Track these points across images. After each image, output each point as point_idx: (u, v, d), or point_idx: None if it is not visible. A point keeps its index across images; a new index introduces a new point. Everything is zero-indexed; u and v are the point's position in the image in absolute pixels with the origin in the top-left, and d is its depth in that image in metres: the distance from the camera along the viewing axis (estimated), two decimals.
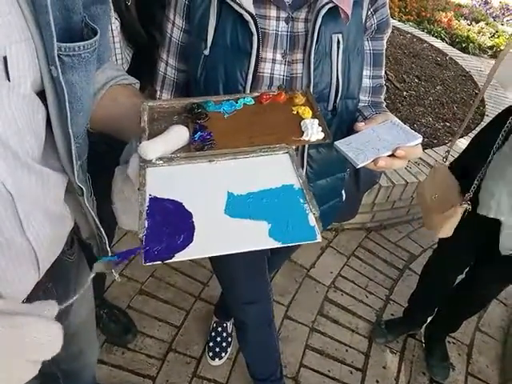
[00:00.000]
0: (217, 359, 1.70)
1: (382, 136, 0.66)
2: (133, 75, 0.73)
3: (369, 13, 0.83)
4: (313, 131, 0.60)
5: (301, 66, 0.81)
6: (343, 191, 1.08)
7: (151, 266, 1.96)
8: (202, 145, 0.58)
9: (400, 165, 0.66)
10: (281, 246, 0.47)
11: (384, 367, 1.83)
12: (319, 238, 0.48)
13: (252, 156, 0.57)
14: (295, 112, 0.65)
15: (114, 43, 1.02)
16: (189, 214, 0.49)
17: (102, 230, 0.71)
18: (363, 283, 2.17)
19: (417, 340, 1.96)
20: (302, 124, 0.62)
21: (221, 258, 1.15)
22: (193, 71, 0.83)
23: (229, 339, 1.77)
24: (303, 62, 0.80)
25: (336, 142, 0.65)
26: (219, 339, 1.75)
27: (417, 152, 0.66)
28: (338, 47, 0.79)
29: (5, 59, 0.43)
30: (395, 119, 0.70)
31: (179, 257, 0.45)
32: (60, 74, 0.48)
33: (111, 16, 0.98)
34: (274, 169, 0.56)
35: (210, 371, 1.69)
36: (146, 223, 0.47)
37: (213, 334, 1.76)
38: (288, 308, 1.97)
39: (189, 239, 0.46)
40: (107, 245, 0.74)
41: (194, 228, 0.47)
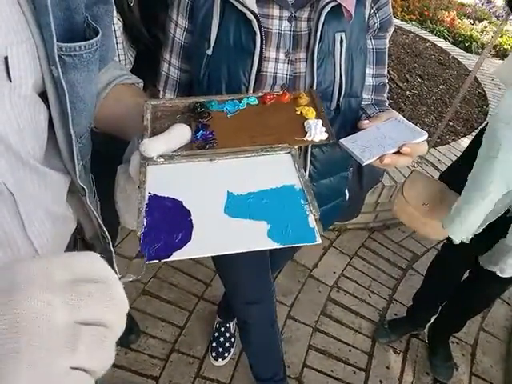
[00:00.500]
0: (220, 359, 1.70)
1: (387, 133, 0.66)
2: (136, 75, 0.73)
3: (371, 11, 0.83)
4: (316, 132, 0.60)
5: (304, 65, 0.81)
6: (347, 190, 1.08)
7: (154, 267, 1.96)
8: (204, 143, 0.57)
9: (405, 162, 0.65)
10: (280, 247, 0.47)
11: (387, 367, 1.82)
12: (319, 240, 0.47)
13: (253, 155, 0.57)
14: (299, 112, 0.64)
15: (117, 44, 1.02)
16: (188, 213, 0.48)
17: (106, 231, 0.71)
18: (366, 283, 2.17)
19: (420, 340, 1.95)
20: (306, 124, 0.62)
21: (224, 258, 1.15)
22: (196, 71, 0.83)
23: (232, 339, 1.77)
24: (306, 61, 0.80)
25: (341, 140, 0.65)
26: (222, 339, 1.75)
27: (422, 149, 0.66)
28: (341, 46, 0.79)
29: (6, 59, 0.42)
30: (400, 117, 0.70)
31: (177, 256, 0.44)
32: (61, 74, 0.48)
33: (114, 16, 0.98)
34: (276, 169, 0.55)
35: (213, 371, 1.69)
36: (145, 221, 0.47)
37: (216, 335, 1.76)
38: (291, 308, 1.97)
39: (187, 238, 0.46)
40: (111, 245, 0.74)
41: (193, 227, 0.47)
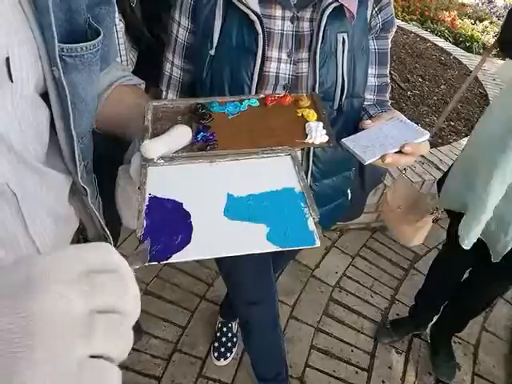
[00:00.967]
0: (222, 359, 1.70)
1: (389, 133, 0.66)
2: (137, 76, 0.73)
3: (373, 12, 0.83)
4: (317, 134, 0.59)
5: (306, 65, 0.81)
6: (349, 190, 1.08)
7: (156, 267, 1.96)
8: (205, 145, 0.57)
9: (408, 161, 0.65)
10: (279, 250, 0.46)
11: (390, 367, 1.82)
12: (318, 243, 0.47)
13: (254, 157, 0.56)
14: (300, 114, 0.64)
15: (119, 44, 1.03)
16: (187, 215, 0.48)
17: (107, 231, 0.71)
18: (368, 283, 2.16)
19: (422, 340, 1.95)
20: (307, 126, 0.61)
21: (226, 258, 1.15)
22: (198, 71, 0.83)
23: (234, 339, 1.77)
24: (309, 61, 0.80)
25: (343, 140, 0.65)
26: (224, 339, 1.75)
27: (424, 149, 0.66)
28: (344, 46, 0.79)
29: (7, 60, 0.42)
30: (402, 116, 0.70)
31: (176, 258, 0.44)
32: (62, 75, 0.48)
33: (115, 17, 0.98)
34: (276, 171, 0.55)
35: (216, 371, 1.69)
36: (145, 222, 0.47)
37: (218, 334, 1.76)
38: (293, 308, 1.97)
39: (186, 240, 0.46)
40: (112, 245, 0.74)
41: (192, 229, 0.47)
